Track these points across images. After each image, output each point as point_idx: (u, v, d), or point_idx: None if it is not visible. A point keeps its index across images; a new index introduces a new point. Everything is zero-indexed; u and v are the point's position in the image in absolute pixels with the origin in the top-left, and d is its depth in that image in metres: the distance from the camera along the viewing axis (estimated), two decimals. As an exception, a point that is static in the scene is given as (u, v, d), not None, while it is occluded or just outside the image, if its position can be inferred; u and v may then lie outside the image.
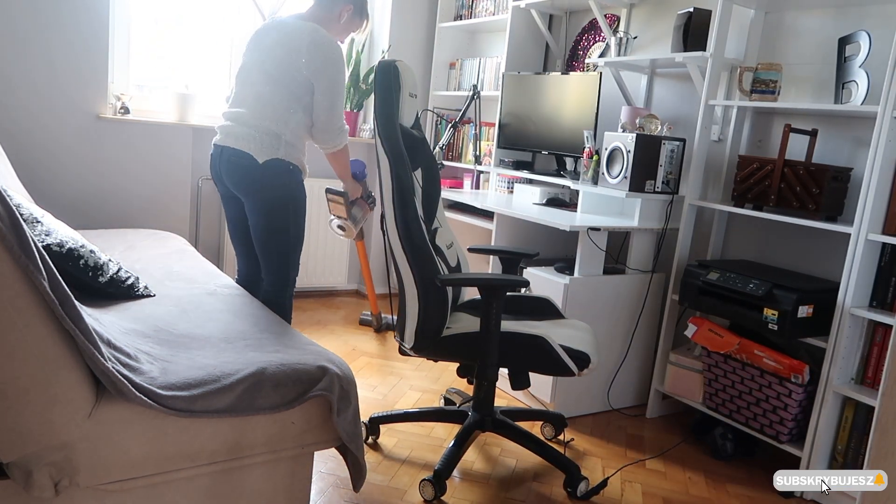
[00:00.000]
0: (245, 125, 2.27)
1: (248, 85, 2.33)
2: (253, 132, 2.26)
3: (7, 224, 1.20)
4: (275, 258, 2.36)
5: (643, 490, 2.19)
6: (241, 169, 2.27)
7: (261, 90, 2.28)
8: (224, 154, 2.30)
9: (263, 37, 2.34)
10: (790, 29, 2.56)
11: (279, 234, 2.33)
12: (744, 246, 2.72)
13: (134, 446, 1.36)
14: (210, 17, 3.63)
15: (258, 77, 2.30)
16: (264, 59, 2.30)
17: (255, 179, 2.27)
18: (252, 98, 2.30)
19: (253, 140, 2.25)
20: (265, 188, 2.28)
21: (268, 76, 2.27)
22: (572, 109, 3.12)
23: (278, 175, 2.28)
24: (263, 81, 2.28)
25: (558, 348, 1.97)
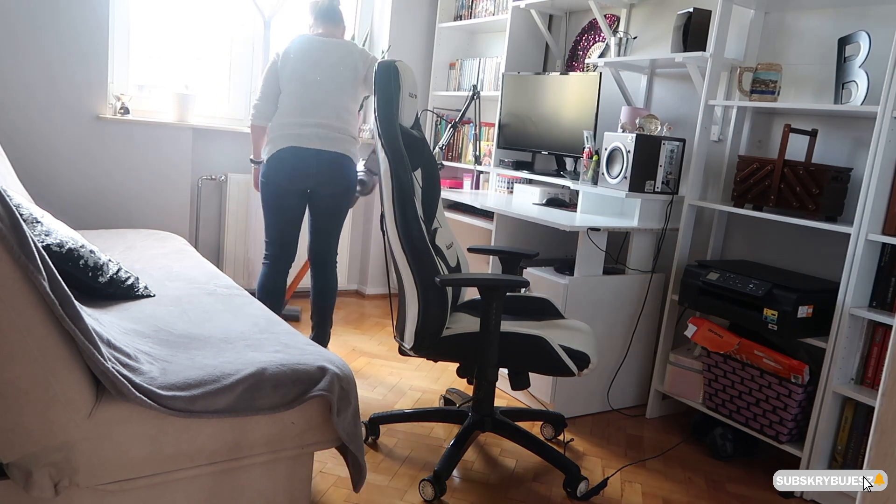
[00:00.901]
0: (339, 132, 2.76)
1: (324, 95, 2.76)
2: (347, 138, 2.79)
3: (7, 224, 1.20)
4: (338, 233, 2.98)
5: (643, 490, 2.19)
6: (343, 168, 2.78)
7: (339, 101, 2.77)
8: (324, 157, 2.74)
9: (324, 55, 2.77)
10: (790, 29, 2.56)
11: (344, 217, 2.96)
12: (744, 246, 2.72)
13: (134, 446, 1.36)
14: (210, 17, 3.63)
15: (333, 89, 2.76)
16: (334, 75, 2.76)
17: (350, 176, 2.83)
18: (331, 107, 2.76)
19: (349, 144, 2.80)
20: (354, 183, 2.88)
21: (342, 90, 2.78)
22: (572, 110, 3.12)
23: (355, 174, 2.89)
24: (339, 94, 2.77)
25: (558, 348, 1.97)
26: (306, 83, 2.74)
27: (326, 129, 2.73)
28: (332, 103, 2.75)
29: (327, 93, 2.75)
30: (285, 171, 2.74)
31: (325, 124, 2.73)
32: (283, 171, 2.74)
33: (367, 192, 3.17)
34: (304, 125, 2.72)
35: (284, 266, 2.91)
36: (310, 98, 2.74)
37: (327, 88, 2.75)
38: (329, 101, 2.75)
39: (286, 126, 2.74)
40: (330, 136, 2.74)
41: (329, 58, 2.76)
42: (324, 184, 2.78)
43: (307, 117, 2.73)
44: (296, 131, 2.72)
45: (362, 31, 4.10)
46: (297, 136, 2.72)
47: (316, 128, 2.73)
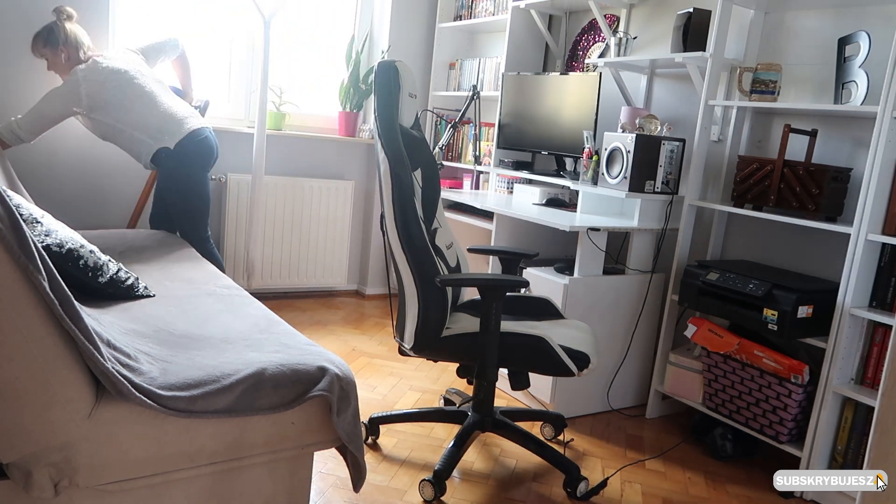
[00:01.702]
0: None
1: (158, 87, 2.95)
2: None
3: (7, 224, 1.20)
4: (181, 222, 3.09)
5: (643, 490, 2.19)
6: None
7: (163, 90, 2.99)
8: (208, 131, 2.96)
9: (116, 64, 2.85)
10: (790, 29, 2.56)
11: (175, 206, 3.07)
12: (743, 246, 2.72)
13: (134, 446, 1.36)
14: (210, 17, 3.63)
15: (155, 82, 2.97)
16: (140, 71, 2.93)
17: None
18: (169, 95, 2.97)
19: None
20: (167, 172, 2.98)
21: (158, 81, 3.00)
22: (572, 110, 3.12)
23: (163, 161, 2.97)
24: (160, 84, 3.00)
25: (558, 348, 1.97)
26: (133, 85, 2.86)
27: (188, 110, 2.99)
28: (164, 90, 2.98)
29: (153, 84, 2.94)
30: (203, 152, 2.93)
31: (184, 105, 3.00)
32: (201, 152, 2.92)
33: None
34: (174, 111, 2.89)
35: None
36: (148, 93, 2.89)
37: (148, 82, 2.92)
38: (163, 90, 2.97)
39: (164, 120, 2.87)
40: (192, 114, 2.98)
41: (119, 63, 2.88)
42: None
43: (169, 103, 2.92)
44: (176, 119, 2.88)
45: (362, 31, 4.10)
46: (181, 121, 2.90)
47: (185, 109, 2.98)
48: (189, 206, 2.95)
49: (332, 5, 4.02)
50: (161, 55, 3.09)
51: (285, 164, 3.85)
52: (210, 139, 2.94)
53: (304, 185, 3.82)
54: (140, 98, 2.81)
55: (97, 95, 2.75)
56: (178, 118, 2.86)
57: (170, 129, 2.82)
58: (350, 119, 3.99)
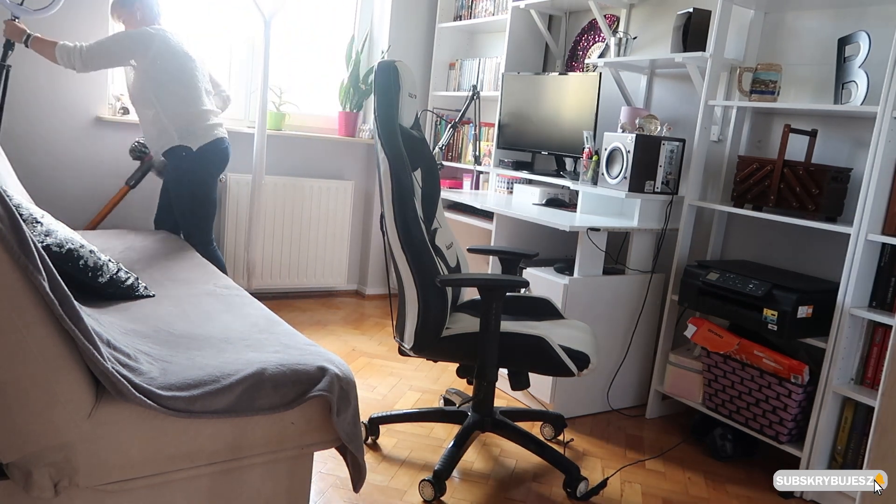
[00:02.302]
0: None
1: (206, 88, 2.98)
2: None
3: (7, 225, 1.20)
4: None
5: (643, 490, 2.19)
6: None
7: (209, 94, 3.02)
8: (228, 144, 3.01)
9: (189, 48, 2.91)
10: (790, 29, 2.56)
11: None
12: (743, 246, 2.72)
13: (134, 447, 1.36)
14: (210, 17, 3.63)
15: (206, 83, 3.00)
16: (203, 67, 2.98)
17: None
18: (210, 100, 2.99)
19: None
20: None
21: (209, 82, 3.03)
22: (572, 110, 3.12)
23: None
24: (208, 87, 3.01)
25: (558, 349, 1.97)
26: (197, 73, 2.91)
27: (220, 118, 3.02)
28: (209, 94, 3.00)
29: (205, 83, 2.98)
30: (219, 162, 2.97)
31: (218, 113, 3.02)
32: (217, 161, 2.96)
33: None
34: (211, 115, 2.94)
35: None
36: (199, 90, 2.92)
37: (203, 80, 2.96)
38: (208, 93, 3.00)
39: (200, 119, 2.89)
40: (222, 123, 3.02)
41: (187, 46, 2.91)
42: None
43: (209, 107, 2.95)
44: (208, 122, 2.91)
45: (362, 31, 4.10)
46: (212, 126, 2.92)
47: (218, 118, 2.99)
48: (198, 210, 2.96)
49: (332, 5, 4.02)
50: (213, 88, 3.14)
51: (285, 164, 3.85)
52: (229, 150, 3.01)
53: (304, 185, 3.82)
54: (189, 89, 2.85)
55: (162, 60, 2.78)
56: (209, 124, 2.90)
57: (198, 130, 2.85)
58: (350, 119, 3.99)
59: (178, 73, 2.81)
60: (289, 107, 3.86)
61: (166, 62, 2.78)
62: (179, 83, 2.82)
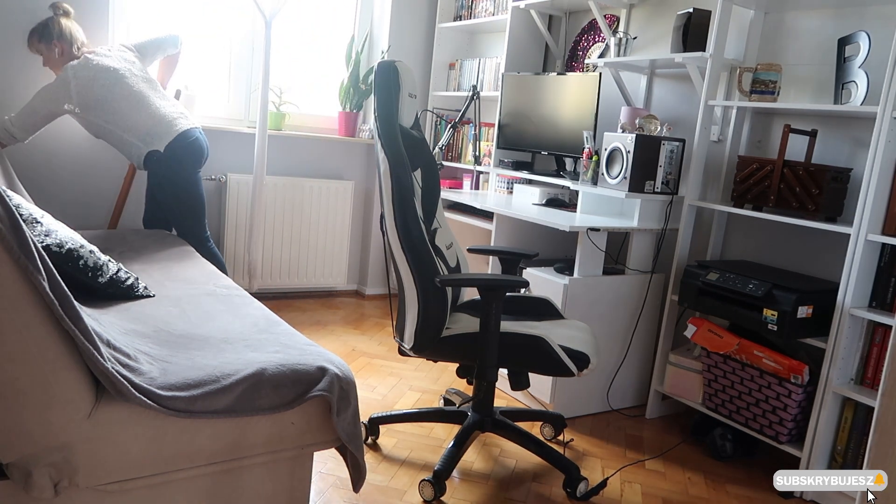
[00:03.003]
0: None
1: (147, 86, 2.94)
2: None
3: (7, 225, 1.20)
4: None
5: (643, 490, 2.19)
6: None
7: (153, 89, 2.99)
8: (198, 132, 2.95)
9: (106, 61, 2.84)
10: (790, 29, 2.56)
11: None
12: (743, 246, 2.72)
13: (133, 447, 1.36)
14: (210, 17, 3.63)
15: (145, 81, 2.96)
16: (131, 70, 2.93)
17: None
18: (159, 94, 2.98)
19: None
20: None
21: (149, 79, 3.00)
22: (572, 110, 3.12)
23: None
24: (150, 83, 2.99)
25: (558, 349, 1.97)
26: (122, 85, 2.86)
27: (178, 108, 3.00)
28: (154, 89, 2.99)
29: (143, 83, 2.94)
30: (193, 154, 2.92)
31: (174, 104, 3.01)
32: (191, 153, 2.91)
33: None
34: (164, 112, 2.91)
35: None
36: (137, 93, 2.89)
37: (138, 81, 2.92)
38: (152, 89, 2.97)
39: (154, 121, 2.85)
40: (183, 114, 2.98)
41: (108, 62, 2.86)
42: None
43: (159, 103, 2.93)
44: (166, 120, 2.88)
45: (362, 31, 4.10)
46: (170, 122, 2.89)
47: (175, 108, 2.98)
48: (184, 208, 2.94)
49: (332, 5, 4.01)
50: (160, 52, 3.08)
51: (285, 164, 3.85)
52: (200, 140, 2.92)
53: (304, 185, 3.82)
54: (127, 98, 2.79)
55: (86, 93, 2.73)
56: (167, 120, 2.84)
57: (159, 131, 2.81)
58: (350, 119, 3.99)
59: (107, 90, 2.75)
60: (289, 107, 3.86)
61: (93, 89, 2.73)
62: (114, 99, 2.76)
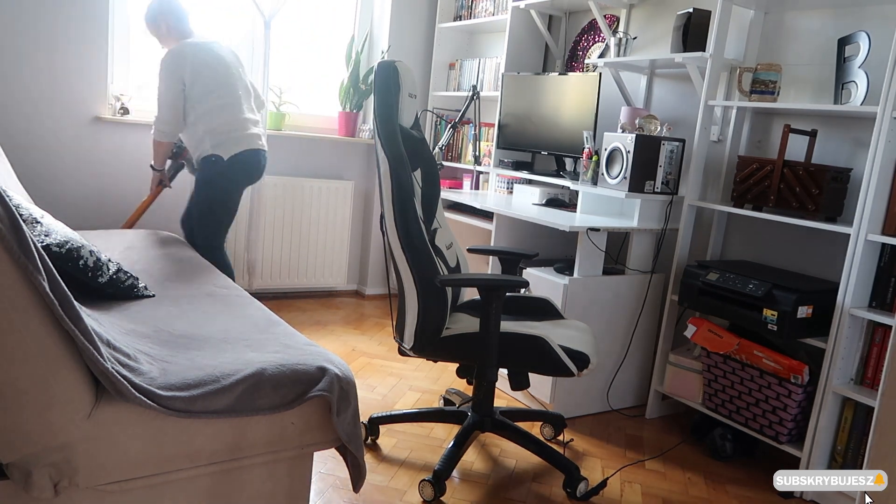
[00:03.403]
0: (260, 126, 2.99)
1: (243, 93, 2.93)
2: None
3: (6, 224, 1.20)
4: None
5: (643, 490, 2.19)
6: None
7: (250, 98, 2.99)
8: (266, 156, 2.99)
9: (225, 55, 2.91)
10: (789, 29, 2.56)
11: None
12: (743, 246, 2.72)
13: (133, 447, 1.36)
14: (210, 17, 3.63)
15: (243, 86, 2.95)
16: (238, 73, 2.94)
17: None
18: (250, 104, 2.97)
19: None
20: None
21: (246, 86, 2.98)
22: (572, 110, 3.13)
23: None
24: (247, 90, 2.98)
25: (558, 349, 1.97)
26: (232, 82, 2.88)
27: (260, 128, 2.98)
28: (250, 99, 2.98)
29: (242, 89, 2.93)
30: (249, 173, 2.93)
31: (257, 121, 2.97)
32: (247, 172, 2.92)
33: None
34: (249, 124, 2.90)
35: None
36: (241, 95, 2.91)
37: (240, 84, 2.93)
38: (246, 97, 2.95)
39: (235, 127, 2.84)
40: (263, 134, 3.00)
41: (228, 55, 2.92)
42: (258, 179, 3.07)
43: (249, 114, 2.92)
44: (247, 132, 2.89)
45: (362, 31, 4.10)
46: (249, 136, 2.89)
47: (258, 127, 2.96)
48: (214, 216, 2.97)
49: (332, 5, 4.02)
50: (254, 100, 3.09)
51: (285, 164, 3.85)
52: (262, 164, 2.97)
53: (304, 186, 3.82)
54: (224, 98, 2.85)
55: (196, 77, 2.78)
56: (247, 133, 2.88)
57: (231, 140, 2.85)
58: (350, 119, 3.99)
59: (213, 83, 2.81)
60: (289, 107, 3.86)
61: (201, 74, 2.80)
62: (214, 94, 2.82)
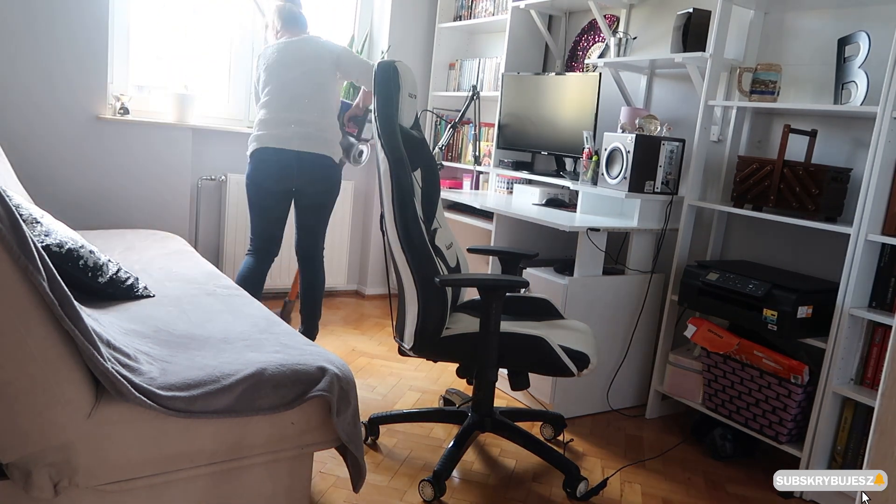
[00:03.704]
0: (318, 130, 2.81)
1: (301, 91, 2.81)
2: (326, 136, 2.84)
3: (7, 225, 1.20)
4: (324, 229, 3.02)
5: (642, 491, 2.19)
6: (324, 170, 2.85)
7: (317, 97, 2.81)
8: (305, 158, 2.79)
9: (295, 52, 2.83)
10: (789, 29, 2.56)
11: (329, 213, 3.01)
12: (743, 246, 2.72)
13: (133, 447, 1.36)
14: (210, 17, 3.63)
15: (309, 84, 2.81)
16: (307, 70, 2.81)
17: (331, 177, 2.90)
18: (311, 104, 2.80)
19: (328, 143, 2.84)
20: (336, 182, 2.94)
21: (318, 84, 2.82)
22: (572, 110, 3.13)
23: (339, 172, 2.96)
24: (316, 89, 2.82)
25: (558, 349, 1.97)
26: (283, 81, 2.82)
27: (306, 128, 2.79)
28: (311, 99, 2.81)
29: (304, 89, 2.81)
30: (268, 173, 2.82)
31: (305, 121, 2.79)
32: (265, 172, 2.82)
33: (361, 163, 3.16)
34: (283, 123, 2.79)
35: (267, 258, 2.99)
36: (288, 95, 2.80)
37: (303, 84, 2.80)
38: (307, 98, 2.80)
39: (266, 124, 2.81)
40: (310, 135, 2.79)
41: (300, 54, 2.83)
42: (307, 184, 2.86)
43: (287, 113, 2.80)
44: (275, 131, 2.79)
45: (362, 31, 4.10)
46: (276, 136, 2.78)
47: (297, 126, 2.79)
48: (250, 215, 2.98)
49: (332, 5, 4.02)
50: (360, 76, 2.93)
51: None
52: (286, 163, 2.78)
53: (303, 186, 3.81)
54: (264, 96, 2.86)
55: (262, 73, 2.86)
56: (263, 132, 2.82)
57: (255, 136, 2.85)
58: (350, 119, 3.99)
59: (265, 82, 2.85)
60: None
61: (258, 69, 2.90)
62: (262, 91, 2.87)
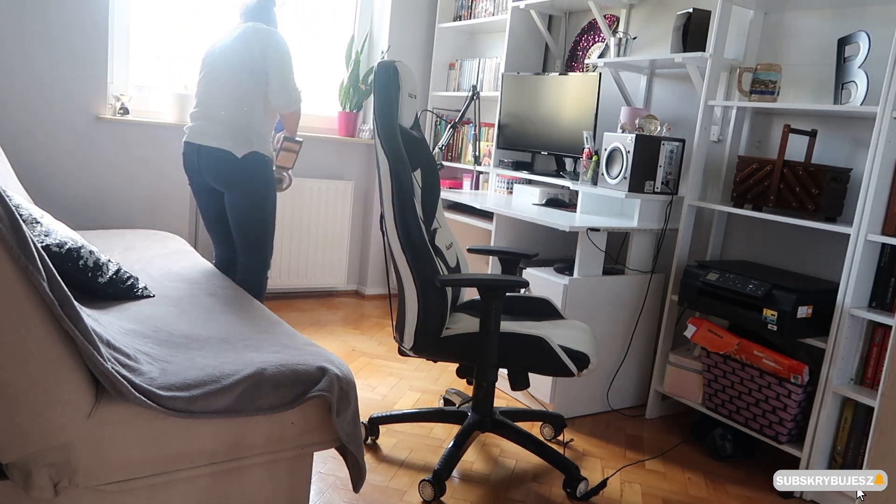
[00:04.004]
0: (222, 124, 2.53)
1: (216, 85, 2.57)
2: (232, 131, 2.52)
3: (6, 225, 1.20)
4: (255, 245, 2.68)
5: (642, 490, 2.19)
6: (223, 165, 2.53)
7: (230, 90, 2.54)
8: (203, 153, 2.55)
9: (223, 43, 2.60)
10: (789, 29, 2.56)
11: (261, 222, 2.66)
12: (743, 246, 2.72)
13: (133, 447, 1.36)
14: (209, 18, 3.63)
15: (225, 77, 2.56)
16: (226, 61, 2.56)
17: (233, 173, 2.55)
18: (223, 97, 2.55)
19: (234, 137, 2.52)
20: (240, 180, 2.57)
21: (234, 77, 2.54)
22: (572, 110, 3.13)
23: (257, 168, 2.57)
24: (231, 82, 2.54)
25: (557, 349, 1.97)
26: (208, 73, 2.61)
27: (208, 122, 2.55)
28: (224, 93, 2.54)
29: (219, 82, 2.56)
30: (186, 168, 2.66)
31: (209, 116, 2.55)
32: (185, 168, 2.67)
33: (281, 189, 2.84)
34: (195, 117, 2.61)
35: (229, 266, 2.77)
36: (204, 89, 2.61)
37: (220, 77, 2.56)
38: (219, 91, 2.56)
39: (190, 117, 2.64)
40: (210, 130, 2.54)
41: (234, 45, 2.56)
42: (213, 181, 2.60)
43: (201, 107, 2.60)
44: (192, 124, 2.61)
45: (362, 32, 4.10)
46: (191, 129, 2.60)
47: (200, 120, 2.58)
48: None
49: (332, 5, 4.02)
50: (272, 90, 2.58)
51: (285, 164, 3.84)
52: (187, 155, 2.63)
53: (303, 186, 3.82)
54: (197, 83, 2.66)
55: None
56: (189, 126, 2.64)
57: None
58: (350, 119, 3.99)
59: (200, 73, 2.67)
60: (289, 107, 3.86)
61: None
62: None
